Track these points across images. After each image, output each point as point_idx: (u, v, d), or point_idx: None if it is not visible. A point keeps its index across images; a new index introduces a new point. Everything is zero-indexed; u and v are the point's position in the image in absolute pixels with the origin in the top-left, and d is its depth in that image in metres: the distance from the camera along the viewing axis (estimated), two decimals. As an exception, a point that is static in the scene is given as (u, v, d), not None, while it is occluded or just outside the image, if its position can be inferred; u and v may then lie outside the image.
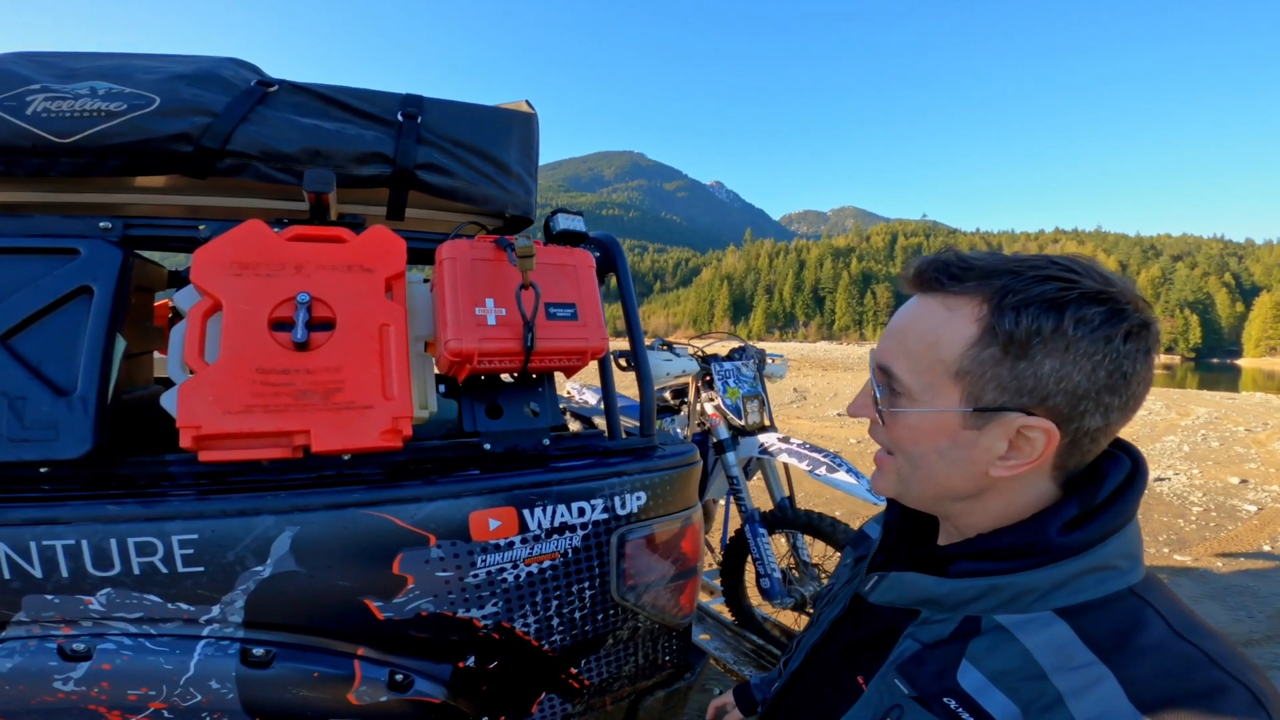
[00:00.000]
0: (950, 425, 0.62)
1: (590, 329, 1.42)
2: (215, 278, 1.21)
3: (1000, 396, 0.59)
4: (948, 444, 0.63)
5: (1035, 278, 0.57)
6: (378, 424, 1.22)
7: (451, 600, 1.29)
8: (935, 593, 0.64)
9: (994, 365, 0.58)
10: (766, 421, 2.89)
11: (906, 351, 0.64)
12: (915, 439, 0.65)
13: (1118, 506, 0.60)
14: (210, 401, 1.15)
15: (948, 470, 0.64)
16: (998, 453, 0.61)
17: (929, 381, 0.62)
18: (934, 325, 0.62)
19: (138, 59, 1.38)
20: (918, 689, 0.61)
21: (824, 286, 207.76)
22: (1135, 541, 0.61)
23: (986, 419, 0.60)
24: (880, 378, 0.67)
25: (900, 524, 0.79)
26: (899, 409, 0.65)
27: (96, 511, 1.10)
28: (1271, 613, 3.76)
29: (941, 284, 0.62)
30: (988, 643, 0.59)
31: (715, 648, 2.75)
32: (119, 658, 1.09)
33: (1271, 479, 7.16)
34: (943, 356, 0.61)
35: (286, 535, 1.16)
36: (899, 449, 0.67)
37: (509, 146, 1.63)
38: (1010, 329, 0.56)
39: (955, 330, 0.60)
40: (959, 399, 0.61)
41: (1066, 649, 0.55)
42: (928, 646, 0.63)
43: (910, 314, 0.65)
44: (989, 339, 0.58)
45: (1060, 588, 0.58)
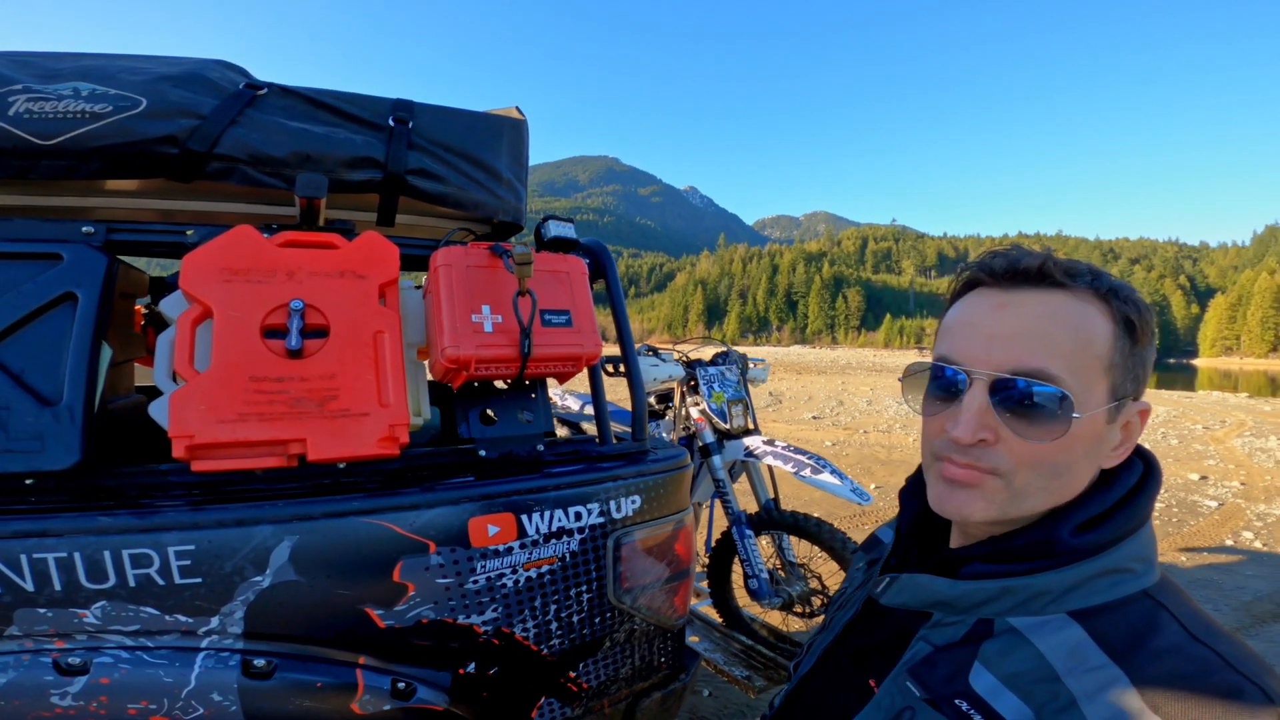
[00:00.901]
0: (1100, 423, 0.60)
1: (585, 335, 1.43)
2: (205, 284, 1.19)
3: (1130, 386, 0.61)
4: (1095, 444, 0.61)
5: (1111, 278, 0.62)
6: (374, 431, 1.21)
7: (452, 607, 1.28)
8: (948, 595, 0.63)
9: (1130, 355, 0.61)
10: (751, 425, 2.92)
11: (1059, 351, 0.59)
12: (1072, 447, 0.59)
13: (1131, 509, 0.61)
14: (203, 410, 1.13)
15: (1083, 472, 0.61)
16: (1114, 442, 0.62)
17: (1088, 380, 0.59)
18: (1079, 321, 0.59)
19: (122, 59, 1.35)
20: (929, 691, 0.60)
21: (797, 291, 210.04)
22: (1149, 544, 0.61)
23: (1118, 410, 0.61)
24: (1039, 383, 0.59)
25: (914, 527, 0.78)
26: (1076, 416, 0.58)
27: (89, 523, 1.08)
28: (1237, 605, 3.88)
29: (1064, 282, 0.60)
30: (1001, 645, 0.59)
31: (705, 649, 2.76)
32: (117, 671, 1.07)
33: (1230, 475, 7.43)
34: (1098, 352, 0.59)
35: (285, 545, 1.15)
36: (1037, 463, 0.60)
37: (500, 152, 1.63)
38: (1137, 321, 0.60)
39: (1099, 325, 0.60)
40: (1107, 394, 0.60)
41: (1080, 651, 0.55)
42: (940, 649, 0.63)
43: (1042, 311, 0.60)
44: (1125, 331, 0.60)
45: (1074, 590, 0.58)
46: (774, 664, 2.47)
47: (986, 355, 0.61)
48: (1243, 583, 4.23)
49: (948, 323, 0.68)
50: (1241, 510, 5.93)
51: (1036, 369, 0.59)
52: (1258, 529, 5.38)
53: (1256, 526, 5.44)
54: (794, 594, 2.64)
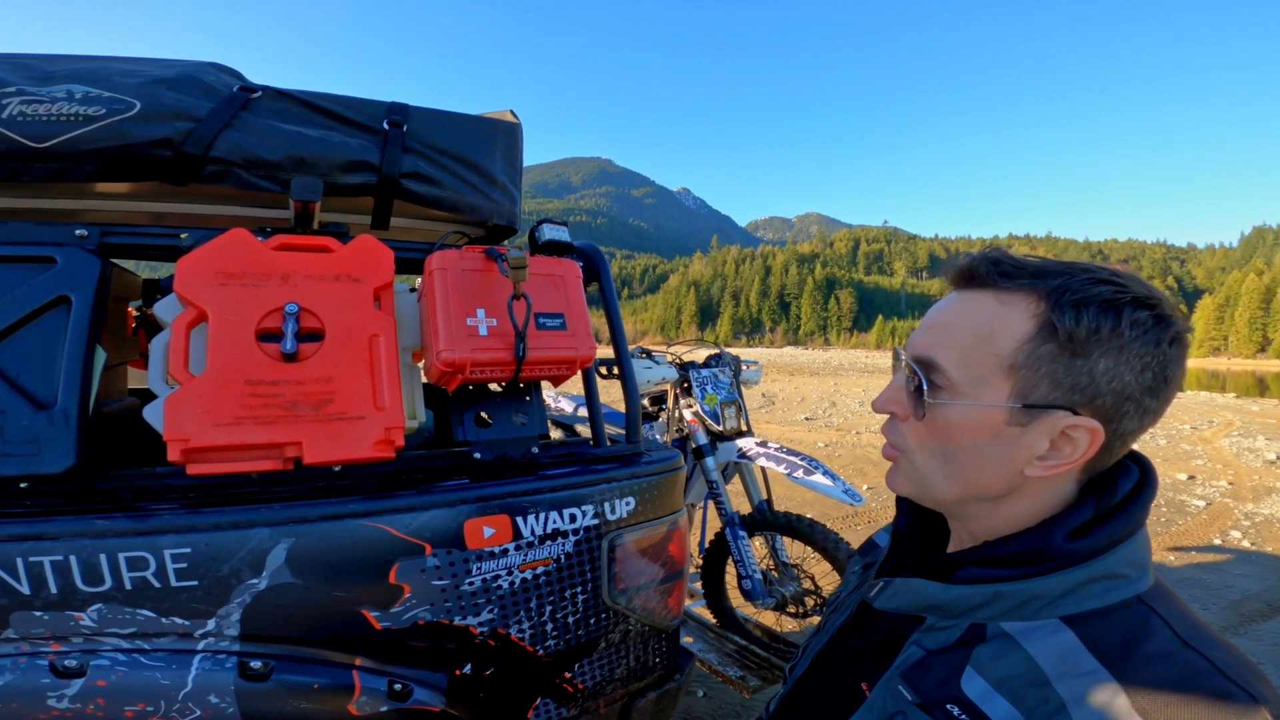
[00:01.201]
0: (994, 421, 0.61)
1: (579, 338, 1.44)
2: (200, 288, 1.19)
3: (1052, 393, 0.58)
4: (988, 440, 0.61)
5: (1089, 280, 0.58)
6: (370, 434, 1.22)
7: (448, 608, 1.29)
8: (941, 599, 0.64)
9: (1050, 361, 0.58)
10: (744, 426, 2.94)
11: (954, 344, 0.63)
12: (953, 434, 0.63)
13: (1126, 514, 0.61)
14: (198, 414, 1.13)
15: (982, 467, 0.63)
16: (1038, 452, 0.60)
17: (978, 375, 0.61)
18: (987, 319, 0.61)
19: (116, 62, 1.35)
20: (921, 695, 0.60)
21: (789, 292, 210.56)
22: (1144, 550, 0.61)
23: (1033, 416, 0.59)
24: (922, 370, 0.64)
25: (910, 531, 0.79)
26: (943, 401, 0.63)
27: (85, 526, 1.08)
28: (1226, 604, 3.92)
29: (994, 280, 0.62)
30: (992, 650, 0.59)
31: (699, 649, 2.77)
32: (114, 673, 1.07)
33: (1218, 475, 7.49)
34: (996, 350, 0.60)
35: (282, 547, 1.15)
36: (928, 445, 0.65)
37: (494, 156, 1.63)
38: (1071, 326, 0.57)
39: (1010, 324, 0.60)
40: (1008, 394, 0.60)
41: (1071, 656, 0.55)
42: (932, 653, 0.63)
43: (957, 308, 0.64)
44: (1046, 334, 0.58)
45: (1067, 595, 0.58)
46: (768, 664, 2.49)
47: (912, 342, 0.67)
48: (1231, 581, 4.27)
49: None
50: (1229, 510, 5.99)
51: (927, 357, 0.64)
52: (1245, 528, 5.43)
53: (1244, 526, 5.50)
54: (787, 594, 2.66)
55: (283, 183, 1.36)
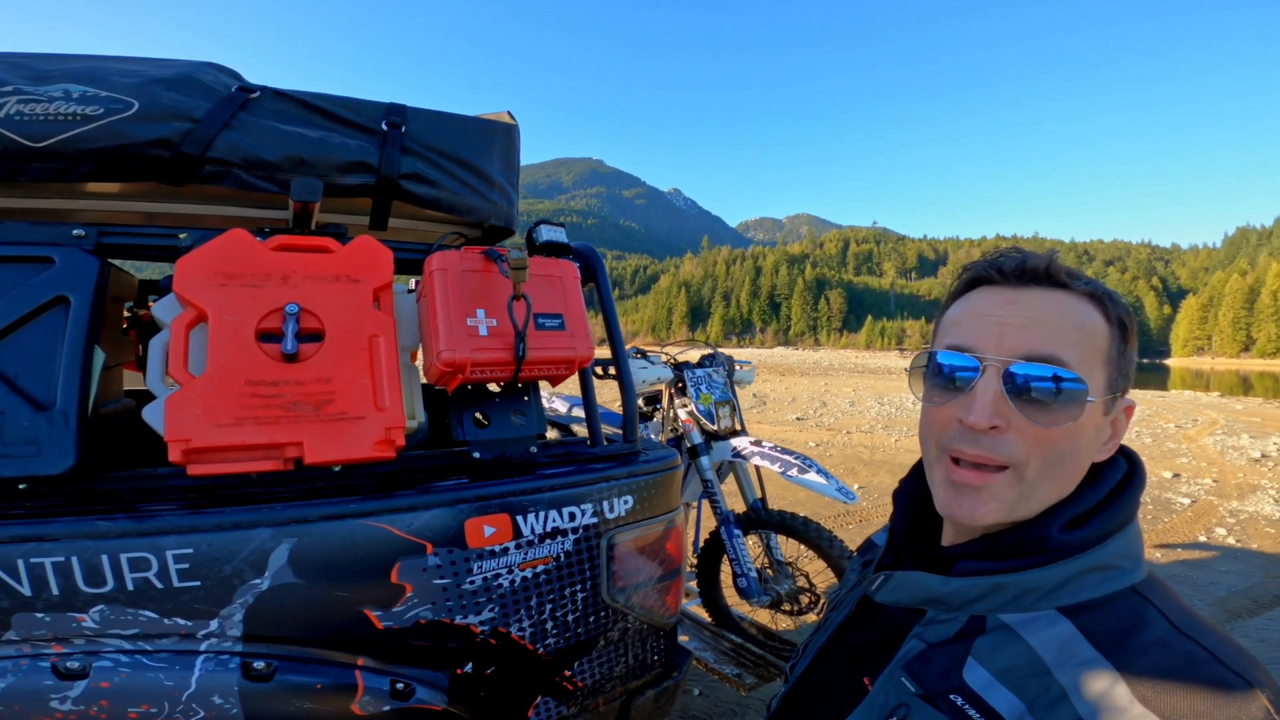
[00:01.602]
0: (1099, 415, 0.63)
1: (577, 339, 1.45)
2: (199, 288, 1.19)
3: (1122, 381, 0.65)
4: (1094, 434, 0.64)
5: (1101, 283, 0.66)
6: (371, 434, 1.22)
7: (449, 607, 1.29)
8: (940, 592, 0.65)
9: (1121, 353, 0.65)
10: (738, 426, 2.95)
11: (1069, 341, 0.62)
12: (1080, 434, 0.62)
13: (1118, 506, 0.63)
14: (199, 414, 1.13)
15: (1083, 462, 0.64)
16: (1105, 437, 0.65)
17: (1090, 370, 0.62)
18: (1084, 316, 0.63)
19: (113, 61, 1.35)
20: (924, 687, 0.61)
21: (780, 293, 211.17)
22: (1136, 541, 0.63)
23: (1113, 404, 0.65)
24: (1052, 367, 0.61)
25: (907, 526, 0.79)
26: (1090, 399, 0.62)
27: (86, 528, 1.08)
28: (1211, 601, 3.96)
29: (1066, 283, 0.65)
30: (993, 641, 0.60)
31: (695, 648, 2.78)
32: (117, 675, 1.07)
33: (1202, 473, 7.59)
34: (1099, 345, 0.63)
35: (284, 547, 1.15)
36: (1049, 451, 0.62)
37: (492, 157, 1.64)
38: (1129, 323, 0.65)
39: (1099, 322, 0.64)
40: (1104, 386, 0.64)
41: (1070, 646, 0.56)
42: (934, 645, 0.64)
43: (1051, 305, 0.63)
44: (1119, 330, 0.64)
45: (1063, 586, 0.60)
46: (763, 662, 2.50)
47: (999, 342, 0.63)
48: (1217, 578, 4.32)
49: (953, 317, 0.69)
50: (1214, 507, 6.07)
51: (1050, 354, 0.61)
52: (1230, 525, 5.50)
53: (1229, 523, 5.57)
54: (782, 592, 2.68)
55: (281, 183, 1.36)
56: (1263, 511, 5.90)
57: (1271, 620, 3.69)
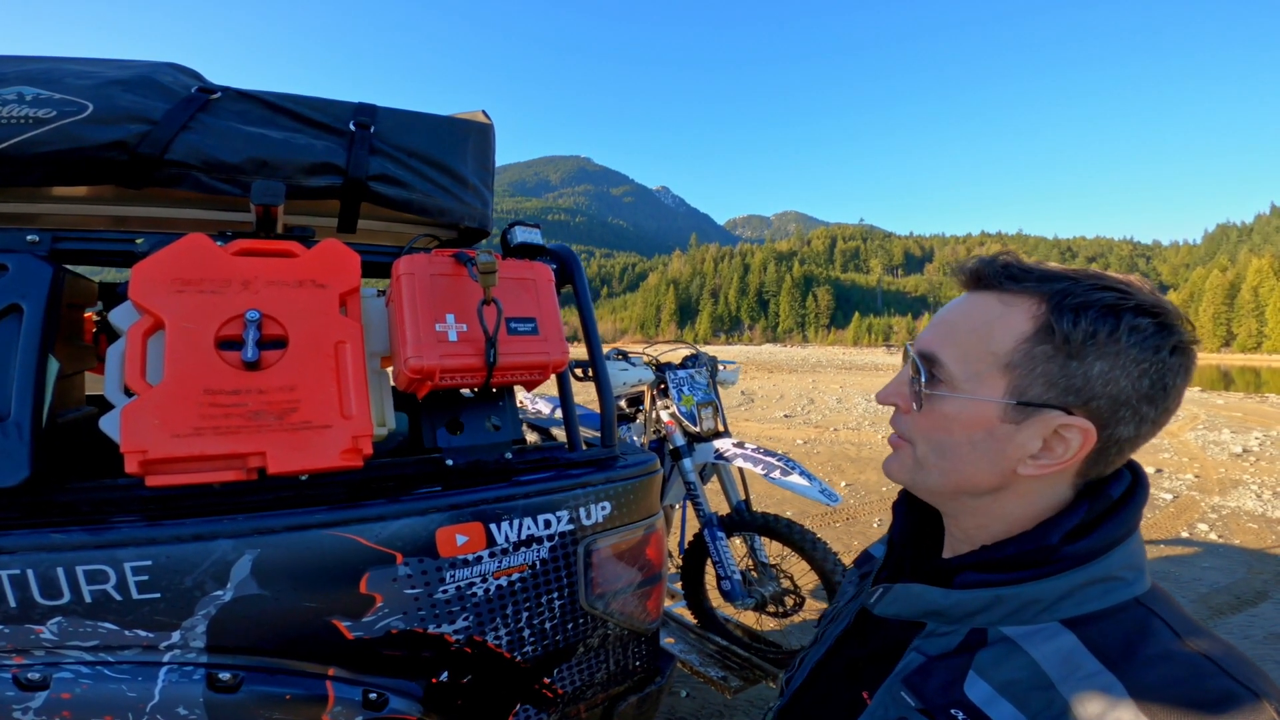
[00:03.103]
0: (989, 416, 0.62)
1: (551, 343, 1.42)
2: (156, 295, 1.15)
3: (1046, 393, 0.59)
4: (982, 435, 0.62)
5: (1093, 285, 0.59)
6: (337, 443, 1.19)
7: (422, 617, 1.27)
8: (941, 604, 0.64)
9: (1045, 361, 0.59)
10: (721, 427, 2.94)
11: (956, 340, 0.65)
12: (949, 427, 0.64)
13: (1120, 517, 0.61)
14: (156, 424, 1.09)
15: (976, 462, 0.63)
16: (1030, 450, 0.61)
17: (976, 371, 0.62)
18: (988, 318, 0.63)
19: (69, 63, 1.31)
20: (924, 701, 0.60)
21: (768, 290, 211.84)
22: (1139, 553, 0.62)
23: (1027, 414, 0.60)
24: (924, 364, 0.66)
25: (906, 537, 0.79)
26: (941, 393, 0.65)
27: (40, 540, 1.06)
28: (1195, 598, 3.98)
29: (999, 282, 0.63)
30: (995, 654, 0.59)
31: (680, 650, 2.76)
32: (78, 686, 1.06)
33: (1185, 468, 7.65)
34: (994, 348, 0.61)
35: (247, 558, 1.13)
36: (927, 437, 0.67)
37: (465, 157, 1.61)
38: (1068, 329, 0.58)
39: (1010, 324, 0.61)
40: (1004, 391, 0.61)
41: (1074, 659, 0.55)
42: (934, 659, 0.63)
43: (963, 307, 0.66)
44: (1044, 335, 0.59)
45: (1066, 598, 0.59)
46: (749, 664, 2.49)
47: (919, 338, 0.69)
48: (1199, 574, 4.34)
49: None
50: (1196, 503, 6.11)
51: (930, 351, 0.66)
52: (1213, 521, 5.54)
53: (1211, 519, 5.61)
54: (767, 594, 2.67)
55: (244, 186, 1.32)
56: (1244, 507, 5.95)
57: (1255, 617, 3.71)
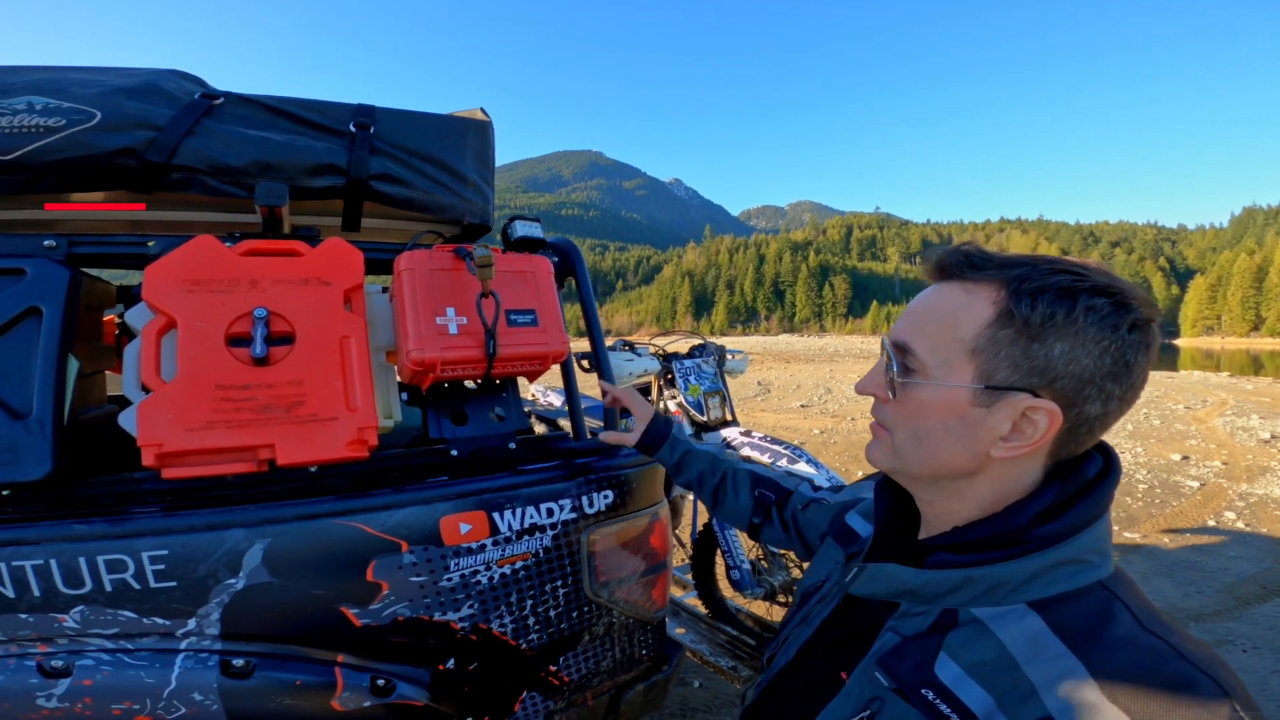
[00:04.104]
0: (960, 402, 0.64)
1: (550, 334, 1.45)
2: (168, 295, 1.20)
3: (1011, 376, 0.61)
4: (955, 420, 0.64)
5: (1050, 270, 0.61)
6: (343, 435, 1.23)
7: (427, 604, 1.30)
8: (913, 584, 0.65)
9: (1008, 345, 0.61)
10: (728, 416, 2.95)
11: (925, 330, 0.67)
12: (924, 414, 0.66)
13: (1090, 500, 0.62)
14: (170, 419, 1.14)
15: (951, 446, 0.65)
16: (1001, 433, 0.62)
17: (945, 358, 0.64)
18: (954, 306, 0.65)
19: (75, 72, 1.35)
20: (897, 681, 0.62)
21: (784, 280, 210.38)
22: (1106, 536, 0.63)
23: (996, 397, 0.62)
24: (896, 354, 0.68)
25: (888, 519, 0.80)
26: (914, 382, 0.67)
27: (63, 531, 1.10)
28: (1220, 587, 3.89)
29: (962, 271, 0.66)
30: (964, 635, 0.61)
31: (691, 640, 2.79)
32: (99, 673, 1.10)
33: (1212, 455, 7.48)
34: (961, 335, 0.63)
35: (258, 547, 1.17)
36: (904, 424, 0.69)
37: (464, 154, 1.64)
38: (1027, 312, 0.60)
39: (974, 311, 0.63)
40: (972, 376, 0.63)
41: (1039, 641, 0.57)
42: (908, 639, 0.64)
43: (930, 298, 0.68)
44: (1005, 320, 0.61)
45: (1034, 580, 0.60)
46: (759, 654, 2.51)
47: (893, 329, 0.71)
48: (1226, 564, 4.24)
49: None
50: (1223, 490, 5.98)
51: (902, 341, 0.68)
52: (1240, 509, 5.41)
53: (1239, 506, 5.48)
54: (776, 584, 2.68)
55: (249, 188, 1.36)
56: (1273, 494, 5.81)
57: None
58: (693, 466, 1.26)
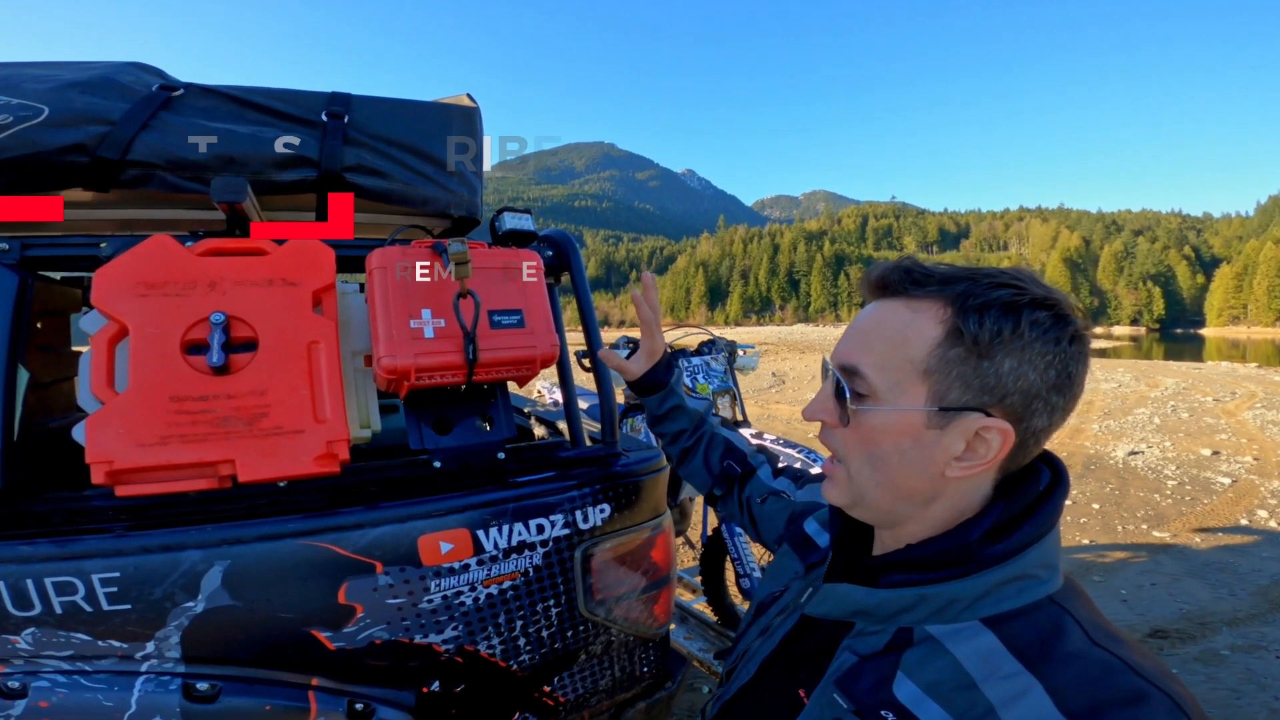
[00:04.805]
0: (915, 425, 0.62)
1: (539, 335, 1.34)
2: (118, 300, 1.11)
3: (964, 395, 0.61)
4: (910, 444, 0.63)
5: (990, 284, 0.61)
6: (310, 449, 1.14)
7: (407, 627, 1.23)
8: (867, 603, 0.65)
9: (959, 364, 0.60)
10: (739, 416, 2.85)
11: (872, 351, 0.65)
12: (877, 439, 0.64)
13: (1038, 517, 0.62)
14: (121, 434, 1.06)
15: (907, 472, 0.64)
16: (955, 453, 0.62)
17: (896, 380, 0.63)
18: (901, 326, 0.63)
19: (28, 68, 1.28)
20: (855, 702, 0.61)
21: (798, 270, 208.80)
22: (1054, 551, 0.63)
23: (949, 419, 0.61)
24: (845, 378, 0.67)
25: (845, 532, 0.78)
26: (866, 407, 0.65)
27: (9, 552, 1.05)
28: (1254, 590, 3.74)
29: (905, 288, 0.64)
30: (920, 654, 0.61)
31: (700, 649, 2.70)
32: (55, 695, 1.06)
33: (1243, 450, 7.24)
34: (911, 355, 0.62)
35: (217, 569, 1.10)
36: (856, 451, 0.67)
37: (448, 143, 1.54)
38: (975, 330, 0.59)
39: (921, 330, 0.62)
40: (925, 398, 0.62)
41: (993, 658, 0.57)
42: (864, 659, 0.64)
43: (874, 316, 0.67)
44: (954, 339, 0.60)
45: (984, 597, 0.60)
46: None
47: (836, 351, 0.69)
48: (1259, 565, 4.08)
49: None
50: (1255, 487, 5.77)
51: (850, 364, 0.66)
52: (1273, 507, 5.21)
53: (1271, 504, 5.28)
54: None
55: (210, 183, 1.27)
56: (1307, 491, 5.62)
57: (1317, 611, 3.48)
58: (676, 422, 1.21)
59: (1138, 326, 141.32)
